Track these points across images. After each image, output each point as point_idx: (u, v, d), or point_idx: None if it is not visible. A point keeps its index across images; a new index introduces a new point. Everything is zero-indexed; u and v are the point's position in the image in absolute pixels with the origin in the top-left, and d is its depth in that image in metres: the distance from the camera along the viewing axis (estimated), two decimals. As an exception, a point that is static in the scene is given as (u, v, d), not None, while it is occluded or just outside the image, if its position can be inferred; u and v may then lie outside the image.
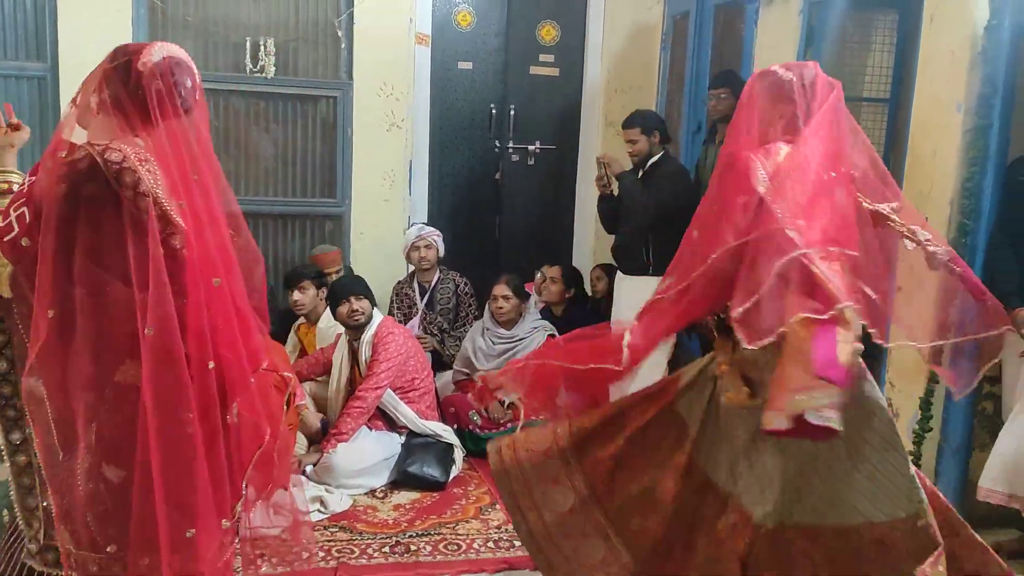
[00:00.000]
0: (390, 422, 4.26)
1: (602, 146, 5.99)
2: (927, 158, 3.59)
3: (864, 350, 2.12)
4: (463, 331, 5.07)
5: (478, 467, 4.34)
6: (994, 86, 3.37)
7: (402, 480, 4.08)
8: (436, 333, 5.19)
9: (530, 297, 4.92)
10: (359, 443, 4.06)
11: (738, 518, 2.34)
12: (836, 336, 1.96)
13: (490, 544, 3.55)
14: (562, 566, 2.60)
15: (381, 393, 4.16)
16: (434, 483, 4.05)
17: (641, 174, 4.37)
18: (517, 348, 4.71)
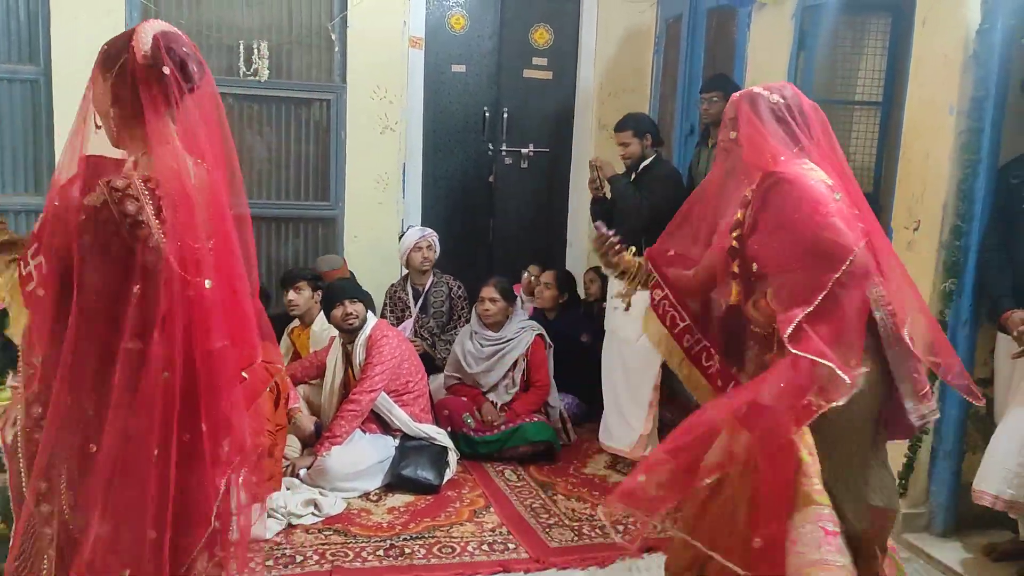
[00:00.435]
0: (384, 425, 4.25)
1: (595, 149, 6.01)
2: (920, 161, 3.60)
3: None
4: (455, 335, 5.07)
5: (472, 470, 4.35)
6: (986, 89, 3.39)
7: (396, 483, 4.07)
8: (427, 337, 5.18)
9: (516, 299, 4.92)
10: (353, 446, 4.06)
11: None
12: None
13: (484, 547, 3.55)
14: None
15: (375, 396, 4.15)
16: (428, 486, 4.04)
17: (633, 177, 4.38)
18: (505, 349, 4.71)
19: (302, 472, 3.97)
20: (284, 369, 4.29)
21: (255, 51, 5.29)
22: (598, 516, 3.86)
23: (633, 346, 4.36)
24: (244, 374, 2.02)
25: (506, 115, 6.28)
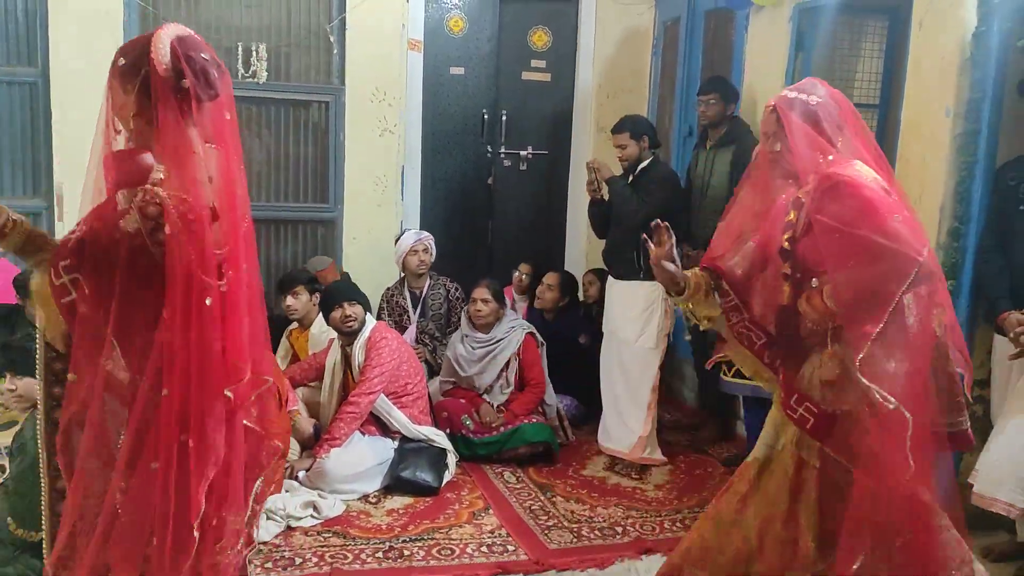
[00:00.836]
0: (383, 427, 4.25)
1: (594, 151, 6.01)
2: (917, 163, 3.61)
3: None
4: (455, 338, 5.07)
5: (471, 472, 4.35)
6: (983, 91, 3.40)
7: (395, 485, 4.07)
8: (428, 342, 5.18)
9: (505, 302, 4.92)
10: (352, 448, 4.06)
11: None
12: None
13: (483, 549, 3.55)
14: None
15: (374, 398, 4.16)
16: (427, 488, 4.04)
17: (631, 179, 4.38)
18: (496, 350, 4.72)
19: (301, 474, 3.97)
20: (282, 372, 4.29)
21: (254, 53, 5.29)
22: (597, 518, 3.87)
23: (632, 348, 4.37)
24: (228, 392, 2.02)
25: (505, 117, 6.28)
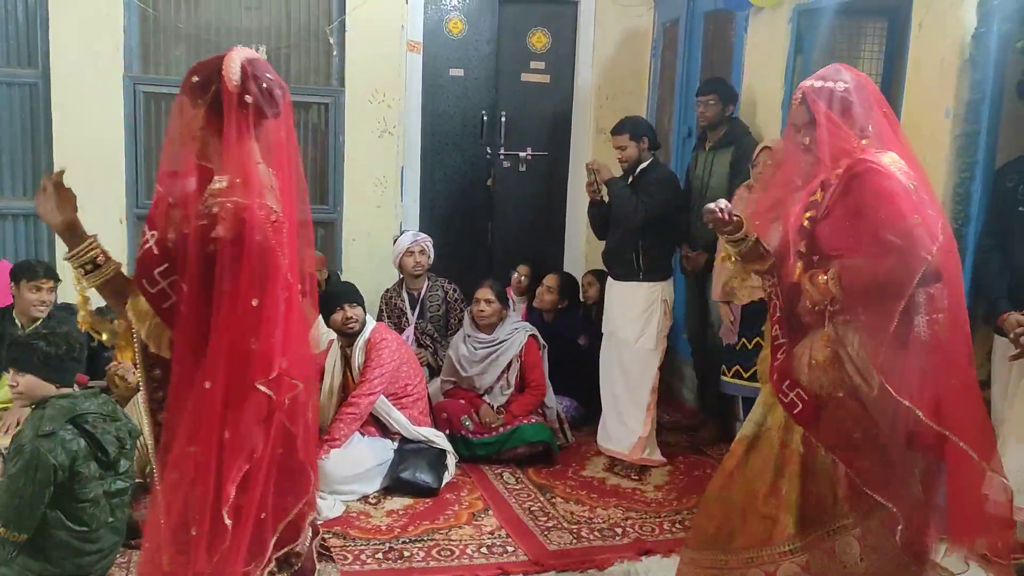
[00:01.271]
0: (383, 428, 4.25)
1: (593, 152, 6.01)
2: (916, 164, 3.61)
3: None
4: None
5: (470, 472, 4.34)
6: (982, 92, 3.41)
7: (395, 486, 4.07)
8: (429, 344, 5.18)
9: (508, 303, 4.92)
10: (352, 449, 4.06)
11: None
12: None
13: (483, 550, 3.55)
14: None
15: (374, 399, 4.16)
16: (427, 489, 4.04)
17: (631, 180, 4.38)
18: (498, 351, 4.71)
19: (301, 475, 3.97)
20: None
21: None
22: (597, 519, 3.87)
23: (631, 348, 4.37)
24: (261, 386, 2.09)
25: (504, 119, 6.29)
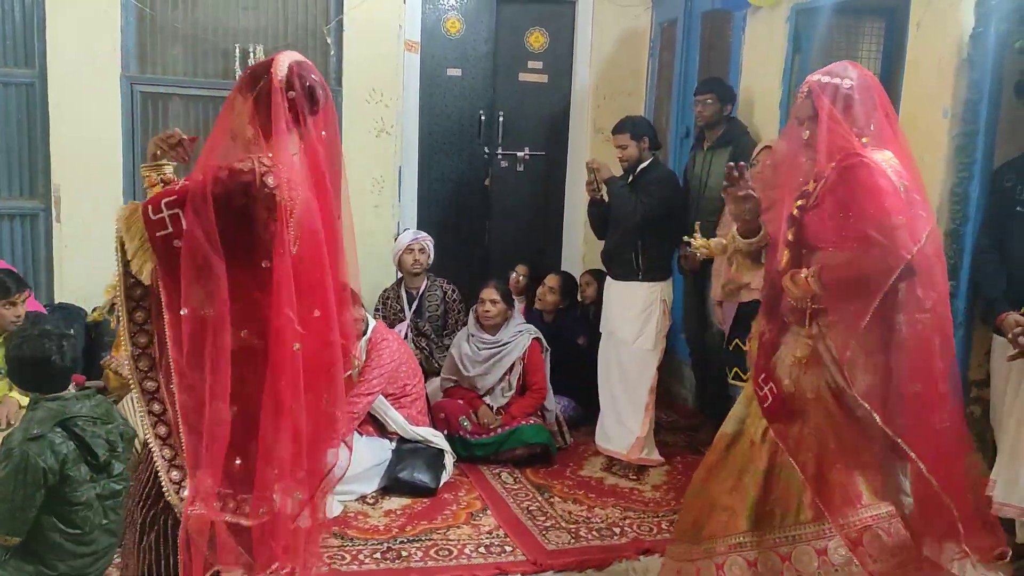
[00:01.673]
0: (381, 428, 4.25)
1: (591, 152, 6.00)
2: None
3: None
4: (451, 339, 5.06)
5: (468, 472, 4.34)
6: (980, 92, 3.40)
7: (393, 486, 4.07)
8: (425, 346, 5.17)
9: (513, 303, 4.92)
10: (350, 449, 4.05)
11: None
12: None
13: (481, 550, 3.55)
14: None
15: (372, 399, 4.15)
16: (425, 489, 4.04)
17: (631, 179, 4.39)
18: (502, 352, 4.71)
19: (299, 475, 3.97)
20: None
21: (251, 54, 5.29)
22: (595, 518, 3.87)
23: (630, 348, 4.37)
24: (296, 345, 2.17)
25: (502, 118, 6.29)
